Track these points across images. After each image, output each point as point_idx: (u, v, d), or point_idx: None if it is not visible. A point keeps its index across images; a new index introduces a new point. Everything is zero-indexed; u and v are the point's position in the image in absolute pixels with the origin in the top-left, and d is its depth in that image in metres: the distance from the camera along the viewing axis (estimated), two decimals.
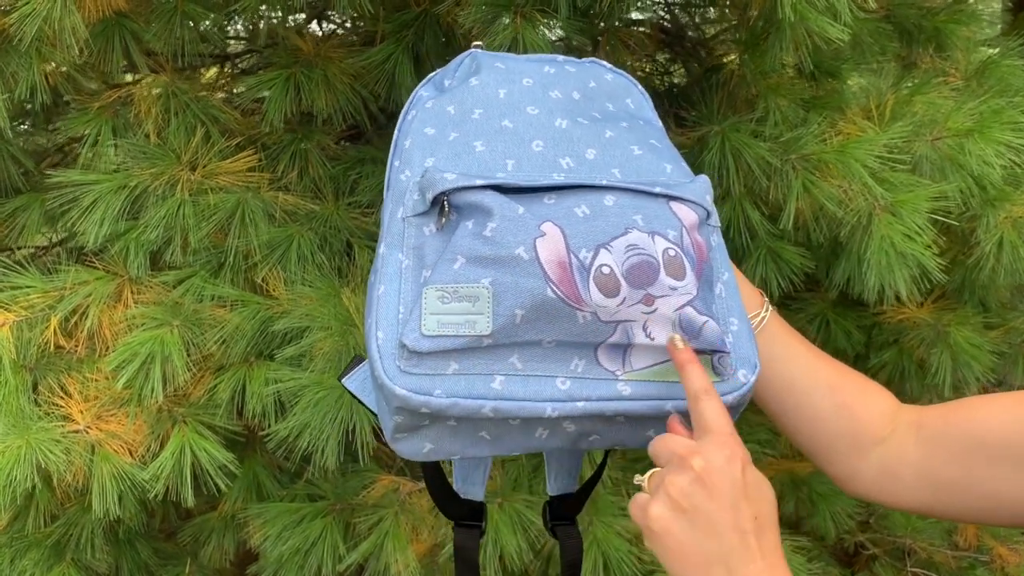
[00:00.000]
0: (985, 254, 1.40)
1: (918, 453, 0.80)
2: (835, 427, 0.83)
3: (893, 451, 0.81)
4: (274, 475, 1.39)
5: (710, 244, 0.75)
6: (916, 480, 0.80)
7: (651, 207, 0.71)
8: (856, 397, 0.83)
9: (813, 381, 0.83)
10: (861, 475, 0.83)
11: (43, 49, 1.18)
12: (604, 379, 0.69)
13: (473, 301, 0.68)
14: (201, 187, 1.26)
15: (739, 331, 0.74)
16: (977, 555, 2.09)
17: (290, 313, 1.20)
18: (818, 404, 0.83)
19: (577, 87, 0.82)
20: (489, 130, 0.76)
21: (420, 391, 0.67)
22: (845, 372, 0.85)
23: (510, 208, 0.69)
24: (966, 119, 1.33)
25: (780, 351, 0.84)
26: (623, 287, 0.68)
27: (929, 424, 0.80)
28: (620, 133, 0.78)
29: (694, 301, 0.69)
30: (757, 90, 1.35)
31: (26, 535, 1.38)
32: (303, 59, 1.32)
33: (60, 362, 1.26)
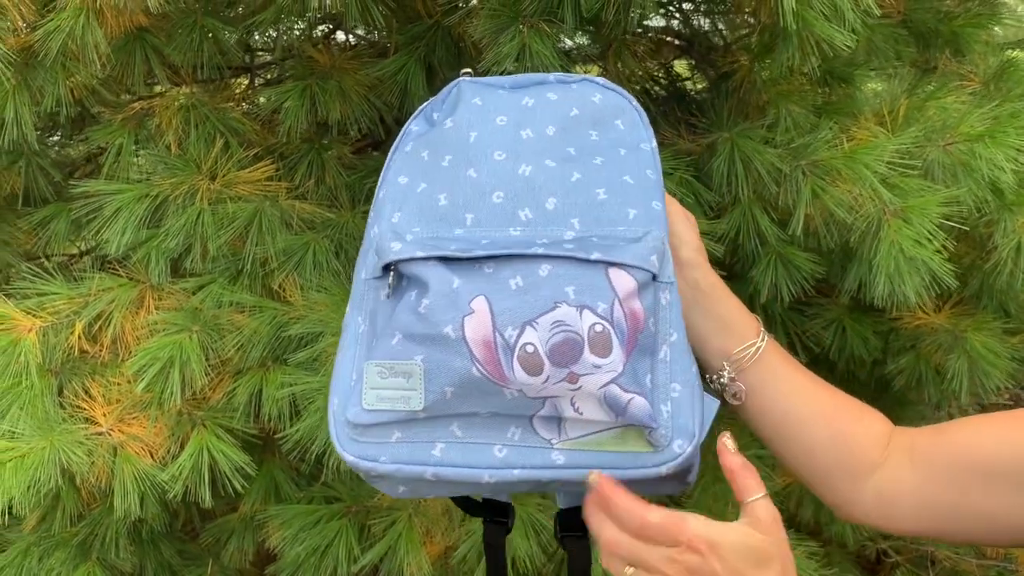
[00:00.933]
0: (1003, 259, 1.39)
1: (913, 479, 0.80)
2: (831, 457, 0.84)
3: (888, 478, 0.82)
4: (291, 477, 1.42)
5: (656, 306, 0.73)
6: (913, 505, 0.80)
7: (586, 276, 0.70)
8: (851, 426, 0.83)
9: (808, 411, 0.84)
10: (858, 502, 0.83)
11: (68, 64, 1.22)
12: (539, 447, 0.71)
13: (407, 377, 0.71)
14: (220, 196, 1.30)
15: (680, 398, 0.72)
16: (1004, 564, 2.06)
17: (305, 318, 1.23)
18: (813, 434, 0.84)
19: (555, 119, 0.82)
20: (454, 180, 0.78)
21: (366, 458, 0.72)
22: (840, 400, 0.85)
23: (446, 282, 0.71)
24: (979, 123, 1.32)
25: (774, 382, 0.84)
26: (546, 366, 0.68)
27: (921, 449, 0.81)
28: (590, 173, 0.78)
29: (619, 378, 0.69)
30: (768, 96, 1.35)
31: (53, 535, 1.42)
32: (319, 71, 1.35)
33: (84, 366, 1.30)
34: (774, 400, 0.84)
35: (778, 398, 0.84)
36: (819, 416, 0.83)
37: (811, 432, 0.83)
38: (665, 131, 1.36)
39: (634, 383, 0.69)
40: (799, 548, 1.46)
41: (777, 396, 0.84)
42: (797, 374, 0.85)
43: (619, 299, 0.70)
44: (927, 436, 0.81)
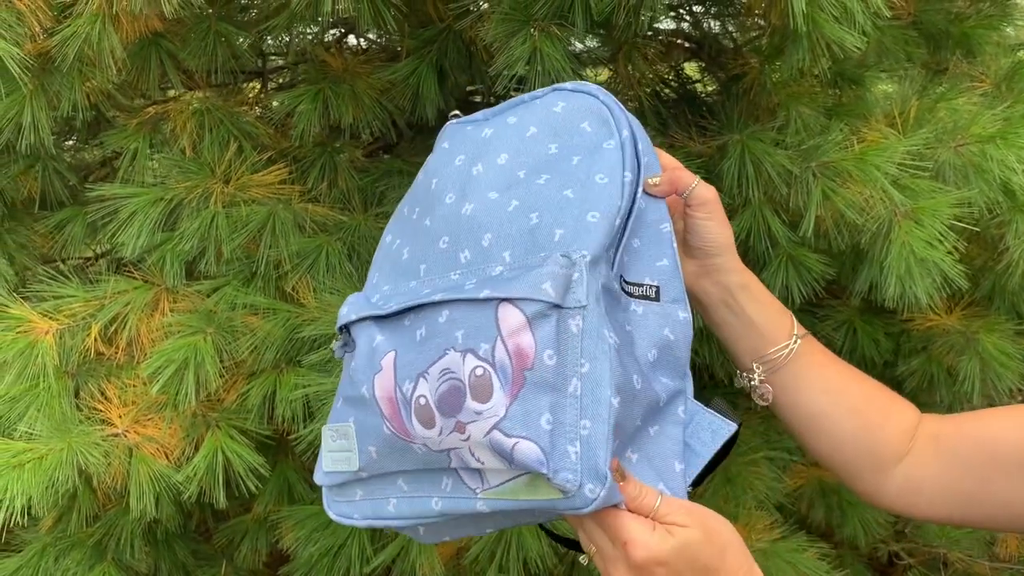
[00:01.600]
0: (1015, 260, 1.39)
1: (937, 467, 0.82)
2: (857, 449, 0.85)
3: (914, 466, 0.83)
4: (304, 478, 1.43)
5: (559, 337, 0.66)
6: (936, 492, 0.82)
7: (475, 318, 0.67)
8: (880, 419, 0.85)
9: (837, 409, 0.85)
10: (884, 490, 0.85)
11: (84, 69, 1.24)
12: (466, 497, 0.70)
13: (347, 439, 0.74)
14: (234, 199, 1.31)
15: (592, 435, 0.65)
16: (1019, 567, 2.05)
17: (318, 320, 1.24)
18: (842, 430, 0.85)
19: (509, 146, 0.79)
20: (415, 232, 0.80)
21: (343, 515, 0.78)
22: (870, 393, 0.86)
23: (369, 341, 0.73)
24: (990, 125, 1.32)
25: (805, 381, 0.85)
26: (437, 417, 0.67)
27: (946, 438, 0.82)
28: (529, 197, 0.75)
29: (501, 423, 0.64)
30: (778, 99, 1.36)
31: (69, 535, 1.44)
32: (331, 75, 1.36)
33: (100, 368, 1.31)
34: (804, 399, 0.85)
35: (808, 397, 0.85)
36: (848, 412, 0.84)
37: (839, 428, 0.84)
38: (676, 133, 1.37)
39: (521, 426, 0.64)
40: (811, 550, 1.47)
41: (807, 395, 0.85)
42: (828, 372, 0.86)
43: (502, 337, 0.66)
44: (952, 425, 0.82)
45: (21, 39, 1.17)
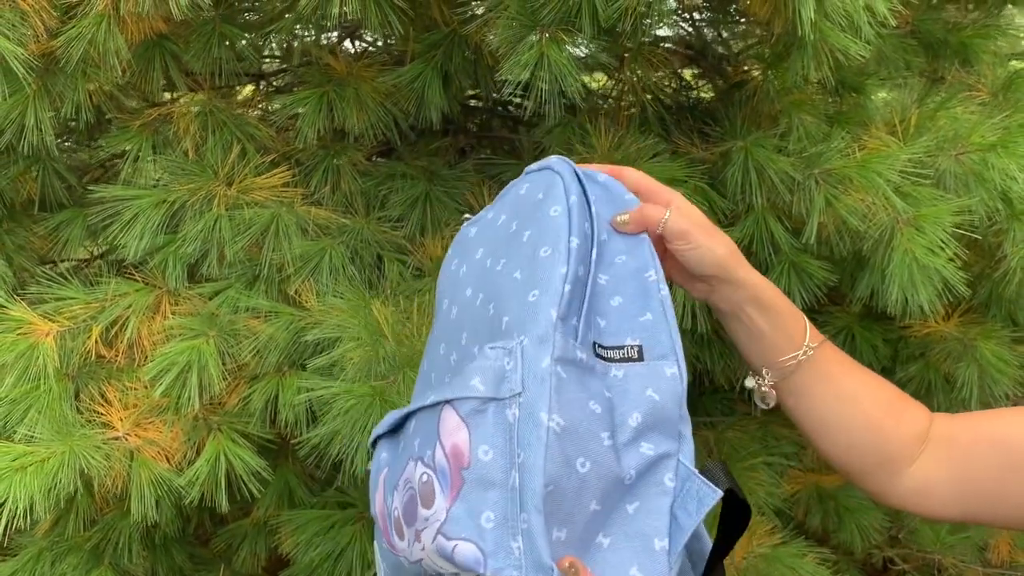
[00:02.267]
0: (1012, 268, 1.40)
1: (951, 469, 0.82)
2: (868, 454, 0.85)
3: (927, 468, 0.83)
4: (305, 483, 1.42)
5: (490, 432, 0.64)
6: (949, 493, 0.82)
7: (426, 424, 0.67)
8: (892, 424, 0.84)
9: (849, 415, 0.84)
10: (895, 492, 0.85)
11: (88, 70, 1.23)
12: None
13: (376, 560, 0.76)
14: (237, 202, 1.31)
15: (530, 528, 0.62)
16: (1011, 572, 2.07)
17: (321, 324, 1.23)
18: (852, 435, 0.84)
19: (485, 238, 0.79)
20: (429, 342, 0.80)
21: None
22: (884, 398, 0.86)
23: (377, 458, 0.74)
24: (991, 133, 1.34)
25: (817, 387, 0.84)
26: (404, 528, 0.67)
27: (960, 440, 0.82)
28: (488, 287, 0.74)
29: (444, 526, 0.63)
30: (780, 106, 1.36)
31: (66, 539, 1.43)
32: (336, 78, 1.36)
33: (101, 371, 1.30)
34: (815, 404, 0.84)
35: (819, 403, 0.84)
36: (860, 419, 0.84)
37: (850, 435, 0.84)
38: (679, 139, 1.37)
39: (461, 527, 0.63)
40: (810, 555, 1.47)
41: (818, 401, 0.84)
42: (842, 379, 0.85)
43: (440, 440, 0.65)
44: (966, 426, 0.83)
45: (25, 39, 1.16)
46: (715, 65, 1.62)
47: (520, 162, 1.42)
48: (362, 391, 1.09)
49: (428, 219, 1.39)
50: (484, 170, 1.46)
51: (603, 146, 1.28)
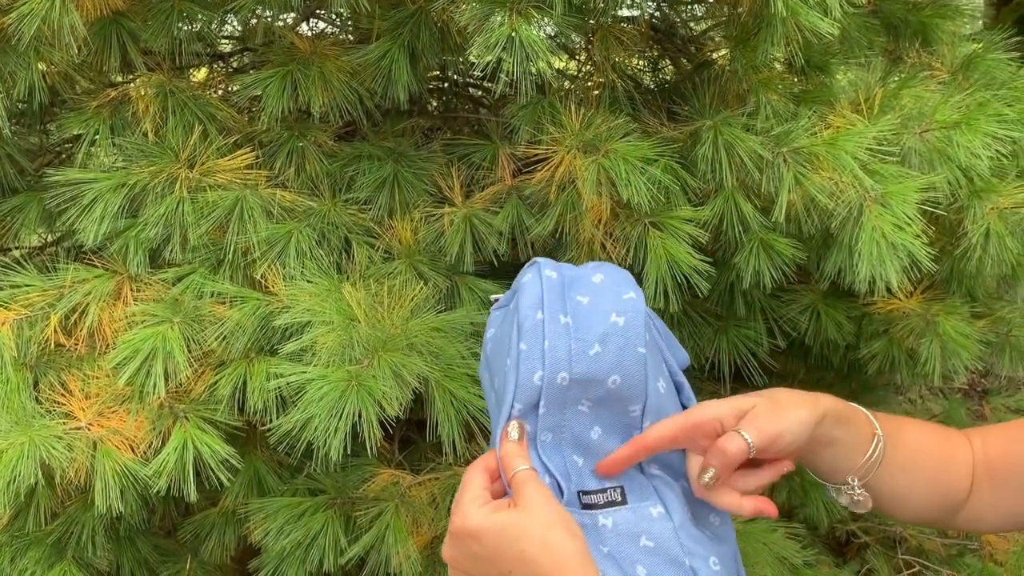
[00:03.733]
0: (972, 245, 1.43)
1: (994, 497, 0.86)
2: (937, 508, 0.88)
3: (976, 501, 0.87)
4: (275, 470, 1.40)
5: None
6: (996, 517, 0.87)
7: None
8: (950, 475, 0.87)
9: (915, 483, 0.85)
10: (956, 524, 0.89)
11: (41, 48, 1.19)
12: None
13: None
14: (199, 185, 1.27)
15: None
16: (966, 543, 2.12)
17: (291, 309, 1.21)
18: (921, 499, 0.86)
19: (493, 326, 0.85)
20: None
21: None
22: (936, 450, 0.87)
23: None
24: (953, 112, 1.35)
25: (885, 469, 0.84)
26: None
27: (996, 467, 0.85)
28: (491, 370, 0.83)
29: None
30: (748, 85, 1.37)
31: (27, 533, 1.38)
32: (299, 57, 1.33)
33: (61, 360, 1.27)
34: (884, 483, 0.83)
35: (887, 482, 0.83)
36: (925, 483, 0.86)
37: (919, 500, 0.86)
38: (648, 119, 1.37)
39: None
40: (780, 530, 1.49)
41: (886, 478, 0.83)
42: (900, 451, 0.83)
43: None
44: (998, 449, 0.86)
45: None
46: (681, 46, 1.62)
47: (488, 143, 1.41)
48: (338, 376, 1.07)
49: (396, 201, 1.37)
50: (452, 151, 1.44)
51: (573, 126, 1.27)
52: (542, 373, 0.73)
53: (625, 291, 0.77)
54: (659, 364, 0.79)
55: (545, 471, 0.75)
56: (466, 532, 0.68)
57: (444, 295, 1.32)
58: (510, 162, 1.37)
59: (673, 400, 0.80)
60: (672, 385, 0.81)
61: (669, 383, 0.80)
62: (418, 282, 1.28)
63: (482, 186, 1.38)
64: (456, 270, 1.33)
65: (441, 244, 1.33)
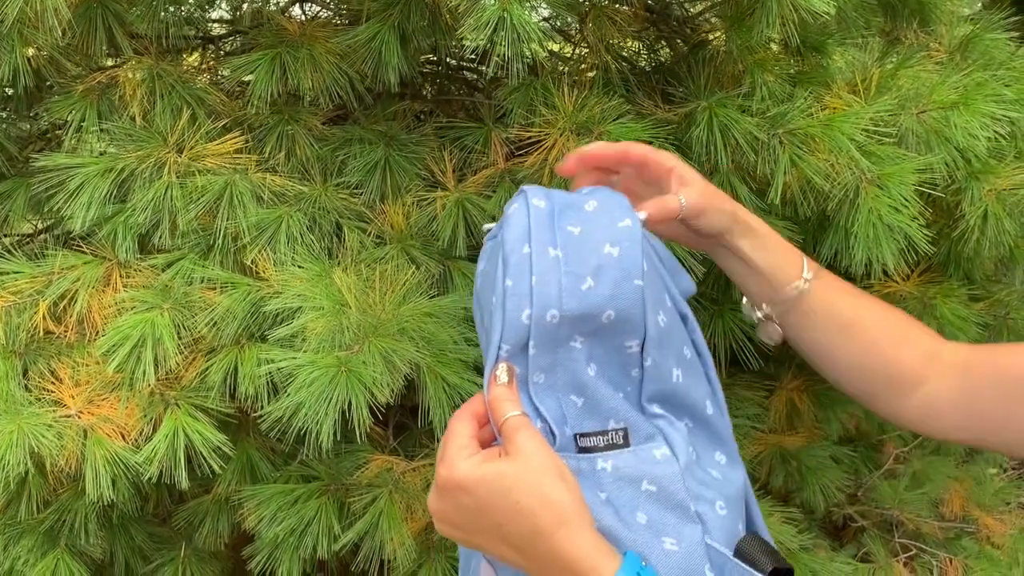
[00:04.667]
0: (970, 227, 1.41)
1: (960, 394, 0.84)
2: (871, 381, 0.87)
3: (935, 393, 0.85)
4: (267, 457, 1.39)
5: None
6: (959, 417, 0.85)
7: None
8: (894, 349, 0.86)
9: (850, 344, 0.87)
10: (903, 413, 0.88)
11: (25, 31, 1.17)
12: None
13: None
14: (188, 169, 1.26)
15: None
16: (963, 525, 2.12)
17: (281, 294, 1.20)
18: (855, 362, 0.86)
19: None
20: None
21: None
22: (884, 323, 0.88)
23: None
24: (951, 92, 1.34)
25: (817, 319, 0.86)
26: None
27: (974, 368, 0.84)
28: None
29: None
30: (743, 66, 1.35)
31: (19, 522, 1.38)
32: (288, 39, 1.31)
33: (50, 347, 1.25)
34: (817, 336, 0.86)
35: (820, 335, 0.86)
36: (861, 347, 0.86)
37: (853, 362, 0.86)
38: (642, 101, 1.36)
39: None
40: (776, 515, 1.48)
41: (820, 333, 0.86)
42: (841, 308, 0.87)
43: None
44: (983, 357, 0.85)
45: None
46: (676, 27, 1.60)
47: (481, 126, 1.39)
48: (327, 362, 1.06)
49: (388, 185, 1.35)
50: (444, 134, 1.42)
51: (566, 107, 1.26)
52: (530, 311, 0.69)
53: (621, 218, 0.73)
54: (660, 295, 0.75)
55: (537, 415, 0.71)
56: (454, 483, 0.65)
57: (436, 280, 1.30)
58: (503, 145, 1.36)
59: (679, 332, 0.76)
60: (677, 316, 0.77)
61: (672, 314, 0.76)
62: (410, 267, 1.27)
63: (475, 169, 1.37)
64: (449, 255, 1.32)
65: (433, 228, 1.31)
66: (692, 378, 0.76)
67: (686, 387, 0.75)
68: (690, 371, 0.76)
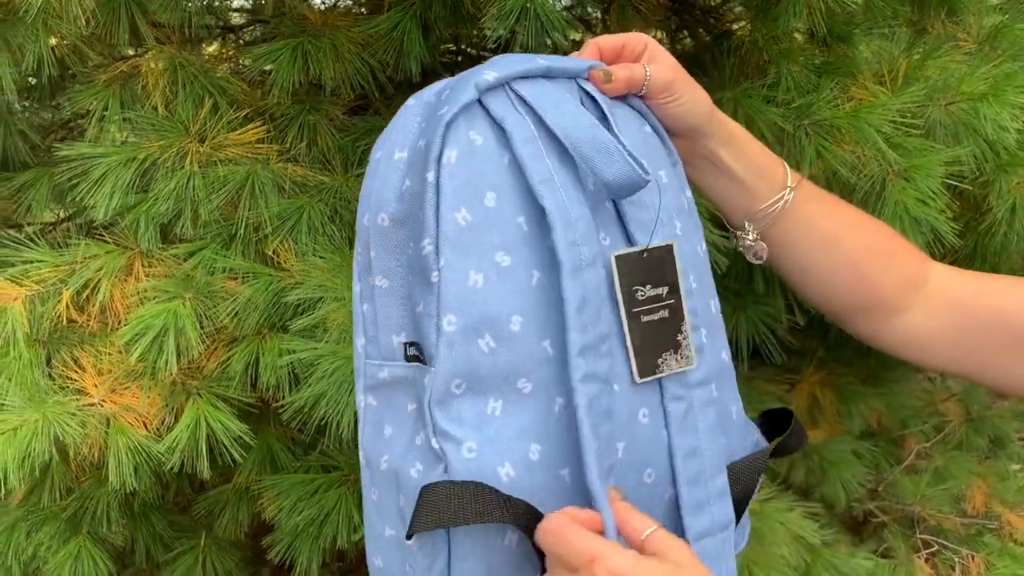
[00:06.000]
0: (997, 220, 1.39)
1: (948, 325, 0.81)
2: (851, 302, 0.84)
3: (922, 319, 0.82)
4: (288, 447, 1.39)
5: None
6: (944, 349, 0.82)
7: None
8: (877, 272, 0.82)
9: (831, 262, 0.82)
10: (885, 337, 0.84)
11: (49, 21, 1.17)
12: None
13: None
14: (210, 159, 1.26)
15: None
16: (985, 522, 2.10)
17: (303, 284, 1.20)
18: (835, 281, 0.83)
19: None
20: None
21: None
22: (869, 242, 0.83)
23: None
24: (979, 83, 1.32)
25: (799, 233, 0.82)
26: None
27: (965, 300, 0.81)
28: None
29: None
30: (769, 56, 1.34)
31: (42, 509, 1.39)
32: (310, 28, 1.31)
33: (73, 336, 1.26)
34: (798, 253, 0.82)
35: (801, 251, 0.82)
36: (843, 266, 0.82)
37: (833, 281, 0.82)
38: None
39: None
40: (797, 509, 1.47)
41: (801, 249, 0.82)
42: (824, 223, 0.82)
43: None
44: (973, 288, 0.82)
45: None
46: (700, 17, 1.58)
47: None
48: (348, 352, 1.05)
49: None
50: None
51: None
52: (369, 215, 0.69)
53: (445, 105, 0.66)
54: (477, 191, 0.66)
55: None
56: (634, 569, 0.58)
57: None
58: None
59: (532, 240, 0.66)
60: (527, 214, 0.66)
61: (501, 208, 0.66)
62: None
63: None
64: None
65: None
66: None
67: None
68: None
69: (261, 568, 1.64)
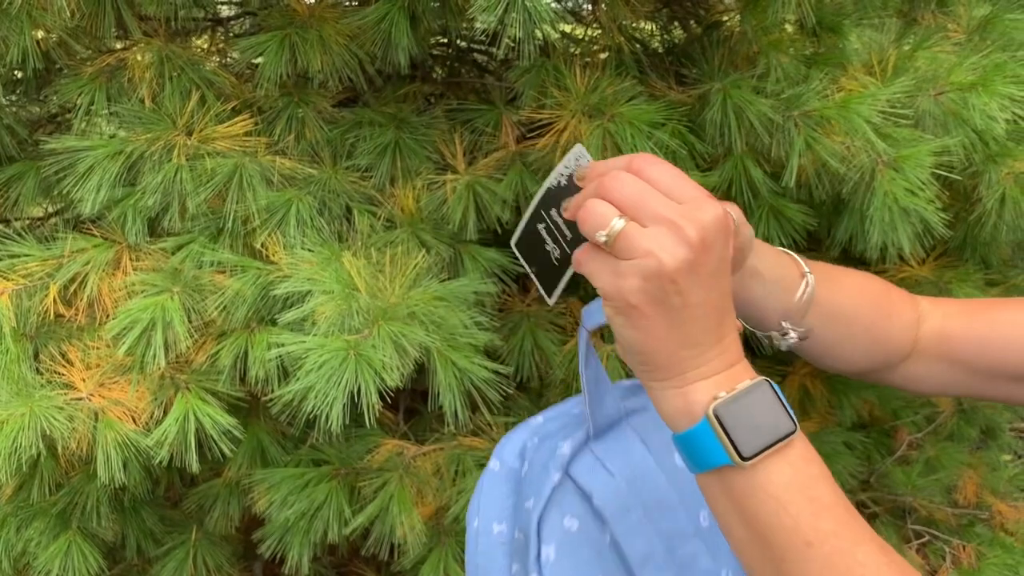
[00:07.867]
0: (987, 211, 1.39)
1: (943, 368, 0.85)
2: (866, 361, 0.87)
3: (920, 364, 0.86)
4: (278, 441, 1.39)
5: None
6: (939, 384, 0.87)
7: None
8: (887, 328, 0.85)
9: (849, 332, 0.85)
10: (894, 380, 0.88)
11: (34, 12, 1.16)
12: None
13: None
14: (198, 152, 1.25)
15: None
16: (977, 512, 2.11)
17: (291, 278, 1.19)
18: (855, 349, 0.86)
19: None
20: None
21: None
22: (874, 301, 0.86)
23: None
24: (968, 73, 1.32)
25: (822, 313, 0.83)
26: None
27: (954, 342, 0.84)
28: None
29: None
30: (758, 47, 1.33)
31: (31, 504, 1.38)
32: (298, 21, 1.30)
33: (60, 330, 1.25)
34: (824, 331, 0.84)
35: (827, 328, 0.84)
36: (859, 334, 0.85)
37: (853, 349, 0.86)
38: (655, 82, 1.34)
39: None
40: None
41: (827, 327, 0.84)
42: (838, 298, 0.84)
43: None
44: (959, 325, 0.84)
45: None
46: (690, 8, 1.58)
47: (492, 107, 1.38)
48: (336, 345, 1.05)
49: (398, 168, 1.34)
50: (455, 117, 1.41)
51: (578, 89, 1.24)
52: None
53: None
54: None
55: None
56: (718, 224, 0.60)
57: (447, 264, 1.30)
58: (514, 128, 1.35)
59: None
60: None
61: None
62: (420, 250, 1.26)
63: (485, 152, 1.36)
64: (459, 238, 1.31)
65: (444, 212, 1.30)
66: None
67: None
68: None
69: (252, 562, 1.63)
